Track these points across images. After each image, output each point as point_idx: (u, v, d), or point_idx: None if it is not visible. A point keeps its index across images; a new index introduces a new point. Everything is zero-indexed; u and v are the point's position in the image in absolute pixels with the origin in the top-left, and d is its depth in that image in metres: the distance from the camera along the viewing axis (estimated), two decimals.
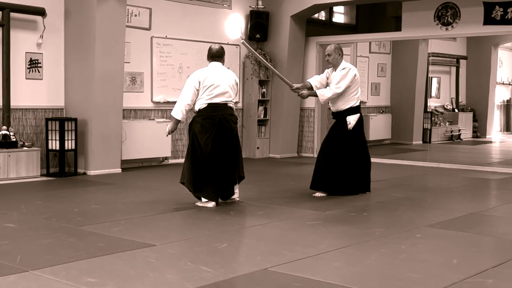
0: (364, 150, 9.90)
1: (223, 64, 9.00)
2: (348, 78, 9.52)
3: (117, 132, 12.19)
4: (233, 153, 8.88)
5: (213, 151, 8.67)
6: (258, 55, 10.27)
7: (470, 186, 11.30)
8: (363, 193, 9.90)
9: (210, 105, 8.71)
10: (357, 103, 9.72)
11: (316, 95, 9.75)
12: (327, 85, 9.77)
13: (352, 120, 9.62)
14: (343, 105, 9.63)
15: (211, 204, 8.70)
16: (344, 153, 9.64)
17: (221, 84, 8.74)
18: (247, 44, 9.75)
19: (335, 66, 9.68)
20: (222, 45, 9.28)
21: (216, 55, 8.94)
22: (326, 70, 9.91)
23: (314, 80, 9.92)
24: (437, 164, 14.05)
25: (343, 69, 9.58)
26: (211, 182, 8.71)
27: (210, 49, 9.03)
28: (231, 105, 8.85)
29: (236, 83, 8.98)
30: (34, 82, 11.80)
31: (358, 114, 9.71)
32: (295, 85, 9.93)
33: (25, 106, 11.68)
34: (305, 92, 9.84)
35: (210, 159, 8.67)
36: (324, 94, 9.59)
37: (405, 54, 18.87)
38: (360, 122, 9.75)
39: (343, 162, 9.64)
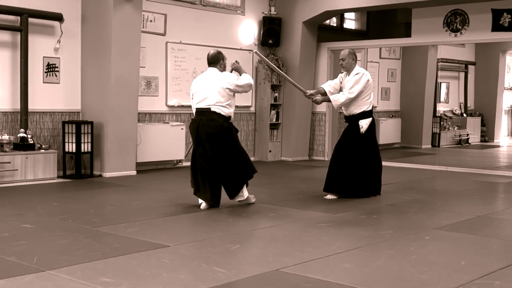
0: (376, 154, 9.88)
1: (220, 69, 8.90)
2: (361, 83, 9.50)
3: (132, 135, 12.21)
4: (221, 157, 8.70)
5: (196, 155, 8.75)
6: (271, 63, 10.13)
7: (478, 189, 11.26)
8: (374, 196, 9.89)
9: (196, 110, 8.80)
10: (370, 108, 9.70)
11: (329, 101, 9.72)
12: (340, 89, 9.75)
13: (364, 124, 9.59)
14: (356, 109, 9.60)
15: (203, 205, 8.74)
16: (356, 156, 9.62)
17: (200, 89, 8.73)
18: (260, 54, 9.70)
19: (348, 71, 9.66)
20: (220, 50, 9.15)
21: (211, 61, 8.92)
22: (340, 75, 9.88)
23: (328, 86, 9.88)
24: (446, 167, 14.02)
25: (357, 74, 9.55)
26: (203, 184, 8.74)
27: (207, 56, 9.04)
28: (215, 109, 8.65)
29: (228, 86, 8.70)
30: (51, 86, 11.84)
31: (371, 118, 9.69)
32: (309, 92, 9.91)
33: (42, 109, 11.72)
34: (319, 98, 9.81)
35: (198, 163, 8.73)
36: (337, 99, 9.57)
37: (414, 59, 18.84)
38: (372, 126, 9.72)
39: (356, 165, 9.63)
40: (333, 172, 9.74)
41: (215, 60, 8.88)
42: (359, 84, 9.49)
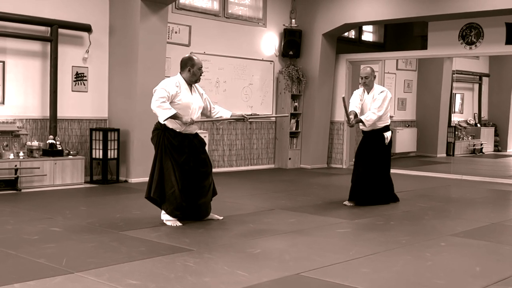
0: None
1: (187, 75, 7.93)
2: (387, 101, 9.62)
3: None
4: None
5: None
6: (347, 108, 9.91)
7: (492, 197, 11.22)
8: (394, 203, 9.93)
9: None
10: (389, 121, 9.82)
11: (361, 121, 9.67)
12: (361, 106, 9.75)
13: (388, 135, 9.75)
14: (381, 123, 9.67)
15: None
16: (383, 166, 9.78)
17: None
18: (345, 101, 9.54)
19: (369, 87, 9.69)
20: (191, 56, 8.15)
21: (180, 66, 8.07)
22: (357, 92, 9.84)
23: (355, 108, 9.74)
24: (460, 176, 13.97)
25: (382, 92, 9.65)
26: None
27: None
28: None
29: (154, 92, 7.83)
30: (79, 94, 11.89)
31: (391, 131, 9.83)
32: (351, 117, 9.82)
33: (71, 116, 11.77)
34: (354, 120, 9.78)
35: None
36: (370, 118, 9.54)
37: (430, 71, 18.80)
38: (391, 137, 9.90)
39: (383, 174, 9.79)
40: (360, 182, 9.72)
41: (182, 65, 8.01)
42: (386, 101, 9.60)
